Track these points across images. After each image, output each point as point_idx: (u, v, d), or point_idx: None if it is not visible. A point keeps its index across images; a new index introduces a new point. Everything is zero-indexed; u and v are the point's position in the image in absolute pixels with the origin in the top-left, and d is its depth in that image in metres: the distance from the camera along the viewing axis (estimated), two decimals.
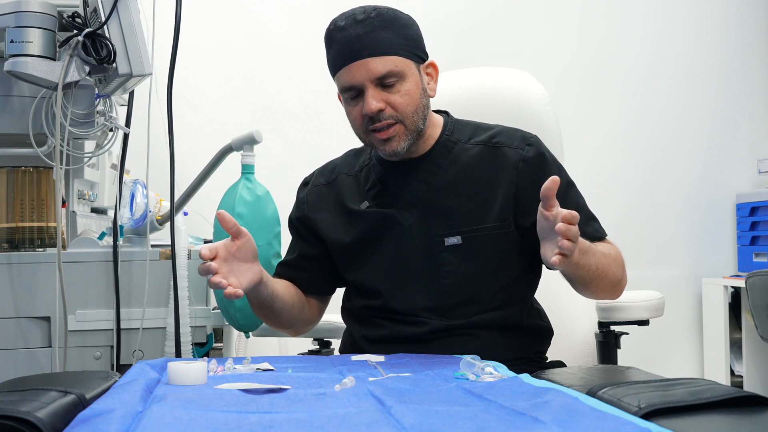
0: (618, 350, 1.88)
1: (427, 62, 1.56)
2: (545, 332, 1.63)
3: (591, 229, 1.54)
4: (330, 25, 1.54)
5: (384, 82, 1.49)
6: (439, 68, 1.61)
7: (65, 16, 1.75)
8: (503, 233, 1.53)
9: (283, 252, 1.84)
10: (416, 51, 1.54)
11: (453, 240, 1.53)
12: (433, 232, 1.54)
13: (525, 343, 1.57)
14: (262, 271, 1.51)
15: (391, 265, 1.56)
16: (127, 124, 1.91)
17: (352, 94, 1.52)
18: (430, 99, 1.57)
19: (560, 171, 1.56)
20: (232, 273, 1.44)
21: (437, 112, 1.66)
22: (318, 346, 2.04)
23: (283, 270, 1.71)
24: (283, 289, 1.62)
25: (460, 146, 1.58)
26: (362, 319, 1.61)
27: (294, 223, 1.72)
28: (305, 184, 1.73)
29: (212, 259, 1.41)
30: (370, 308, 1.59)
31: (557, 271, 1.45)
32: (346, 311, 1.68)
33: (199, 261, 1.86)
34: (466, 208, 1.54)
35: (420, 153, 1.58)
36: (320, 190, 1.68)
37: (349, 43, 1.50)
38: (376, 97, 1.49)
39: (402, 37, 1.51)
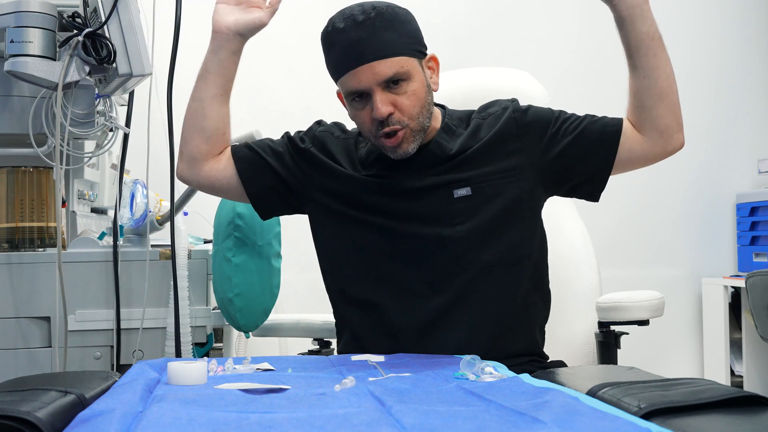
0: (618, 350, 1.88)
1: (428, 56, 1.57)
2: (543, 308, 1.63)
3: (608, 119, 1.59)
4: (327, 26, 1.53)
5: (391, 84, 1.49)
6: (440, 69, 1.61)
7: (65, 16, 1.75)
8: (512, 180, 1.55)
9: (284, 252, 1.84)
10: (417, 47, 1.54)
11: (462, 191, 1.54)
12: (441, 187, 1.54)
13: (524, 322, 1.58)
14: (223, 47, 1.63)
15: (397, 227, 1.55)
16: (127, 124, 1.91)
17: (356, 96, 1.52)
18: (434, 92, 1.58)
19: (550, 112, 1.61)
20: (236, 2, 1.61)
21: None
22: (318, 346, 2.04)
23: (235, 146, 1.67)
24: (216, 100, 1.63)
25: (459, 130, 1.60)
26: (364, 305, 1.58)
27: (286, 137, 1.67)
28: (319, 123, 1.71)
29: None
30: (370, 279, 1.56)
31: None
32: (345, 301, 1.63)
33: (200, 259, 1.87)
34: (471, 166, 1.55)
35: (424, 142, 1.58)
36: (332, 139, 1.65)
37: (351, 47, 1.49)
38: (385, 101, 1.49)
39: (404, 35, 1.51)
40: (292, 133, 1.68)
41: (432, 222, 1.54)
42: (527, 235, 1.57)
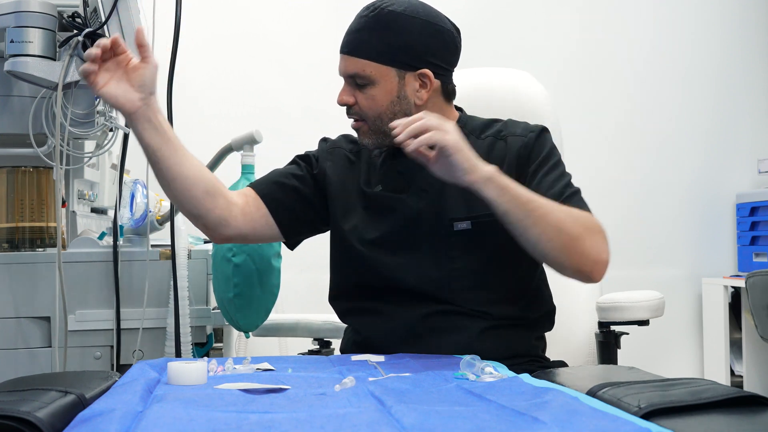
0: (618, 350, 1.88)
1: (420, 71, 1.53)
2: (545, 322, 1.63)
3: (566, 199, 1.48)
4: None
5: (356, 81, 1.54)
6: (433, 87, 1.59)
7: (65, 16, 1.75)
8: None
9: (284, 252, 1.84)
10: (404, 59, 1.52)
11: (463, 225, 1.52)
12: (443, 217, 1.54)
13: (525, 339, 1.57)
14: (150, 116, 1.44)
15: (398, 245, 1.55)
16: (127, 124, 1.91)
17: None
18: (417, 105, 1.54)
19: (551, 155, 1.55)
20: (113, 79, 1.42)
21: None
22: (318, 346, 2.04)
23: (255, 185, 1.65)
24: (187, 163, 1.49)
25: (471, 139, 1.57)
26: (361, 310, 1.60)
27: (301, 158, 1.68)
28: (325, 140, 1.72)
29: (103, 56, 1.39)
30: (370, 288, 1.57)
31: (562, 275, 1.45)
32: (343, 310, 1.67)
33: (200, 259, 1.87)
34: (473, 197, 1.51)
35: None
36: (342, 154, 1.67)
37: (345, 34, 1.57)
38: (347, 91, 1.56)
39: (387, 44, 1.51)
40: (301, 156, 1.69)
41: (431, 253, 1.53)
42: (525, 274, 1.56)
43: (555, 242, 1.40)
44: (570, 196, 1.49)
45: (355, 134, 1.63)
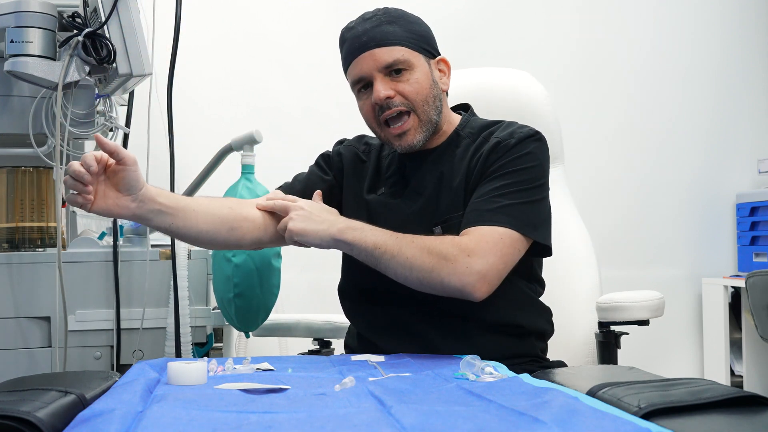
0: (618, 350, 1.88)
1: (438, 58, 1.60)
2: (539, 333, 1.62)
3: (475, 216, 1.46)
4: (342, 29, 1.60)
5: (392, 72, 1.53)
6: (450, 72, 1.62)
7: (65, 16, 1.75)
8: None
9: (284, 252, 1.84)
10: (425, 46, 1.57)
11: (438, 230, 1.53)
12: (430, 221, 1.54)
13: (525, 339, 1.57)
14: (149, 208, 1.42)
15: None
16: (127, 124, 1.91)
17: (362, 87, 1.56)
18: (444, 94, 1.59)
19: (516, 163, 1.49)
20: (98, 193, 1.38)
21: (459, 106, 1.69)
22: (318, 346, 2.04)
23: (281, 188, 1.69)
24: (201, 218, 1.49)
25: (467, 141, 1.58)
26: (362, 309, 1.62)
27: (322, 158, 1.70)
28: (341, 142, 1.74)
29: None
30: (371, 289, 1.58)
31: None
32: (346, 308, 1.68)
33: (200, 259, 1.87)
34: (452, 198, 1.54)
35: (433, 146, 1.60)
36: (354, 152, 1.69)
37: (357, 38, 1.55)
38: (385, 85, 1.52)
39: (409, 32, 1.55)
40: (322, 155, 1.72)
41: None
42: (518, 271, 1.52)
43: (411, 279, 1.44)
44: (496, 209, 1.45)
45: (371, 136, 1.64)
